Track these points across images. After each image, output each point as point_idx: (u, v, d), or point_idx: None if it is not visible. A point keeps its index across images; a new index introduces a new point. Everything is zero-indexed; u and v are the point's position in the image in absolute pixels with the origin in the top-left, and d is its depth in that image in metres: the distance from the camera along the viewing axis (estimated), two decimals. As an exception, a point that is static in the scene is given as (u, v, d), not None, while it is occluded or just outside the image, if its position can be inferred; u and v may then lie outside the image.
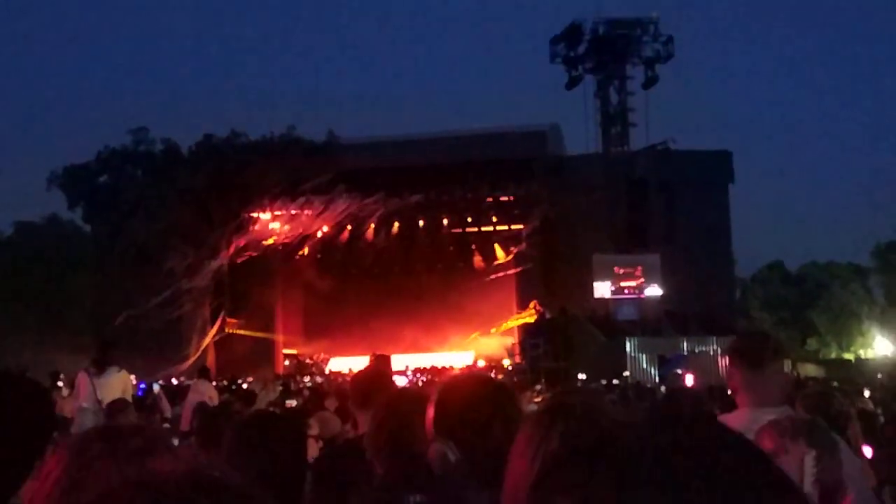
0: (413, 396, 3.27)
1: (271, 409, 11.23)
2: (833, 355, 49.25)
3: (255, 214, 37.78)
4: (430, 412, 2.45)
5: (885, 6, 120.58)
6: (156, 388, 23.79)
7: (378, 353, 14.06)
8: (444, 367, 31.41)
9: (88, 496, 0.93)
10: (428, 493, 2.93)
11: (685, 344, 31.18)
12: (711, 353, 30.37)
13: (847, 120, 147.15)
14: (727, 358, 4.00)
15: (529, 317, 36.57)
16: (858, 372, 33.08)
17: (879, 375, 28.79)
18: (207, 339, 36.58)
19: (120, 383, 9.88)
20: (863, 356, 46.30)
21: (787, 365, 4.29)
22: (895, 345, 41.36)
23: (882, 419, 7.79)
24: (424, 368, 32.55)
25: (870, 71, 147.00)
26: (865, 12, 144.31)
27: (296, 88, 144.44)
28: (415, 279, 41.57)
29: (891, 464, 5.43)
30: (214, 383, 26.51)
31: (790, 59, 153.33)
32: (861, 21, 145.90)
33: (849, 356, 48.25)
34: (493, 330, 39.77)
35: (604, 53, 37.43)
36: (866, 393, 15.01)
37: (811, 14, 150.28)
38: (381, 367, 6.24)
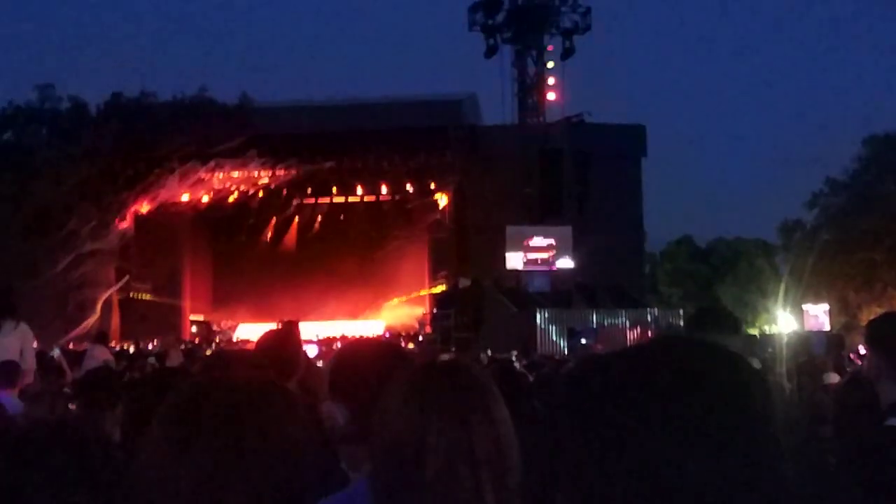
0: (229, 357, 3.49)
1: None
2: (739, 330, 50.11)
3: (163, 177, 36.84)
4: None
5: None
6: (57, 352, 23.13)
7: (286, 319, 13.78)
8: (353, 337, 31.16)
9: None
10: None
11: (594, 316, 31.42)
12: (620, 325, 30.74)
13: (759, 98, 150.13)
14: (686, 330, 4.04)
15: (441, 286, 36.56)
16: (763, 347, 33.68)
17: (783, 350, 29.28)
18: (103, 301, 35.60)
19: (17, 341, 8.65)
20: (767, 331, 47.23)
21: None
22: (798, 321, 42.33)
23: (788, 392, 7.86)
24: (334, 337, 32.27)
25: (783, 50, 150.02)
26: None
27: (209, 49, 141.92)
28: (327, 247, 41.16)
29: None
30: (119, 348, 26.01)
31: (705, 36, 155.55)
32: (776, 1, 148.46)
33: (754, 331, 49.21)
34: (395, 299, 39.67)
35: (522, 23, 37.28)
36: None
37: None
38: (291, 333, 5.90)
